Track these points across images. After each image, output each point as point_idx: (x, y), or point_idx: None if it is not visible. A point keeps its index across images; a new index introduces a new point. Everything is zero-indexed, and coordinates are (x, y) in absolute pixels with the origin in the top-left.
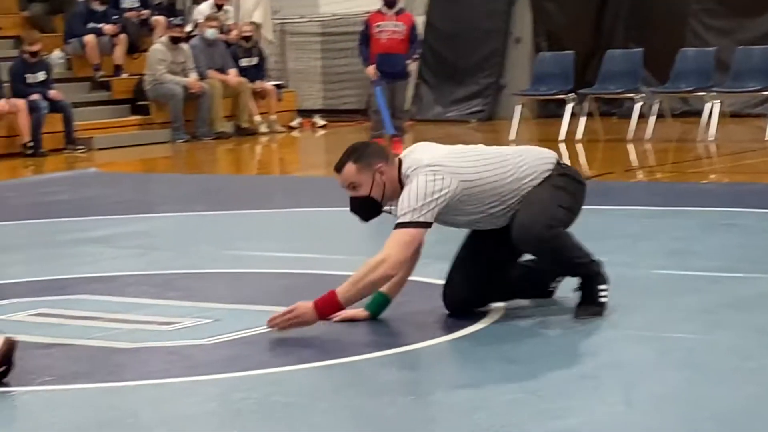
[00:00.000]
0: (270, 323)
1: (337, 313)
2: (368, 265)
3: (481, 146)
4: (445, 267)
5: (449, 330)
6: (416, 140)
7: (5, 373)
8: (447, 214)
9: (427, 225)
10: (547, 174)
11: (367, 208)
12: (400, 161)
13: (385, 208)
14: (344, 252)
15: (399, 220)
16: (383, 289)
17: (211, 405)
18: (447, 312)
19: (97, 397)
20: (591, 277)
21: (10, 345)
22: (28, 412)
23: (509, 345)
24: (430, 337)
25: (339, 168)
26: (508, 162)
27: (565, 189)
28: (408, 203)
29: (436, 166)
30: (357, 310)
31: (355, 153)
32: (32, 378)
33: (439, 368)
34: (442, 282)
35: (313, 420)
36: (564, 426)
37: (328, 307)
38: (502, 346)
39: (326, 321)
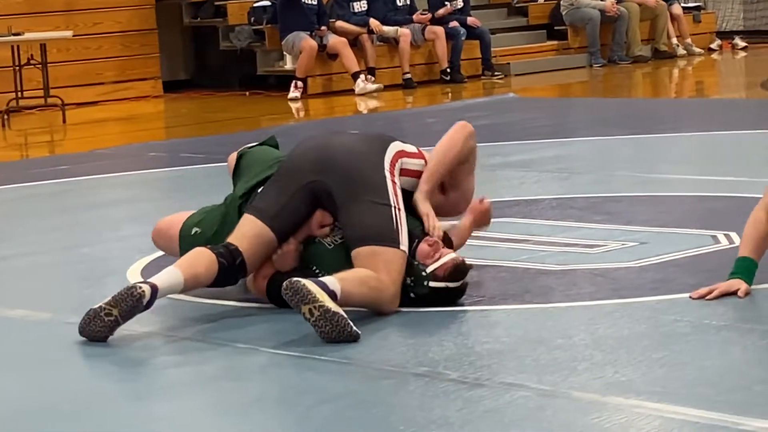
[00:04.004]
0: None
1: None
2: None
3: None
4: None
5: None
6: None
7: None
8: None
9: None
10: None
11: None
12: None
13: None
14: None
15: None
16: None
17: (641, 327)
18: None
19: (527, 317)
20: None
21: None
22: (459, 333)
23: None
24: None
25: None
26: None
27: None
28: None
29: None
30: None
31: None
32: (464, 298)
33: None
34: None
35: (748, 343)
36: None
37: None
38: None
39: None
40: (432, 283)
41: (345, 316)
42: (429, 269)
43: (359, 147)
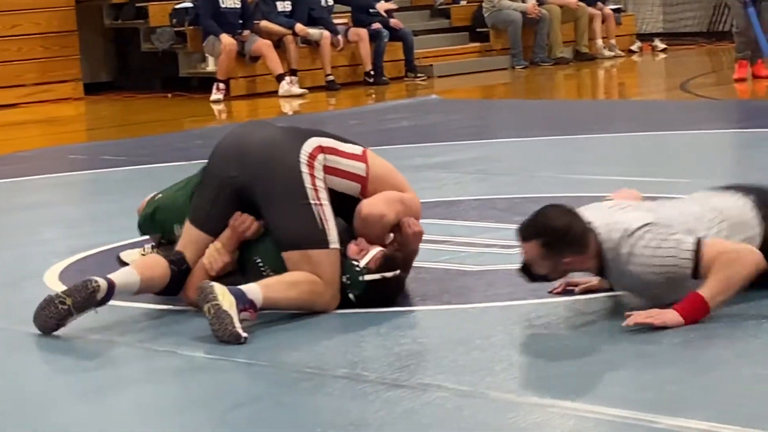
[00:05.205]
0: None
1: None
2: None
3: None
4: None
5: None
6: None
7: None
8: None
9: None
10: None
11: (538, 279)
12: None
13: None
14: (687, 175)
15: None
16: None
17: (558, 327)
18: None
19: (446, 318)
20: None
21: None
22: (378, 334)
23: None
24: None
25: (525, 237)
26: None
27: None
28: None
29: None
30: None
31: (548, 236)
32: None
33: None
34: None
35: (662, 341)
36: None
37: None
38: None
39: None
40: (367, 277)
41: (233, 317)
42: (362, 263)
43: (275, 138)
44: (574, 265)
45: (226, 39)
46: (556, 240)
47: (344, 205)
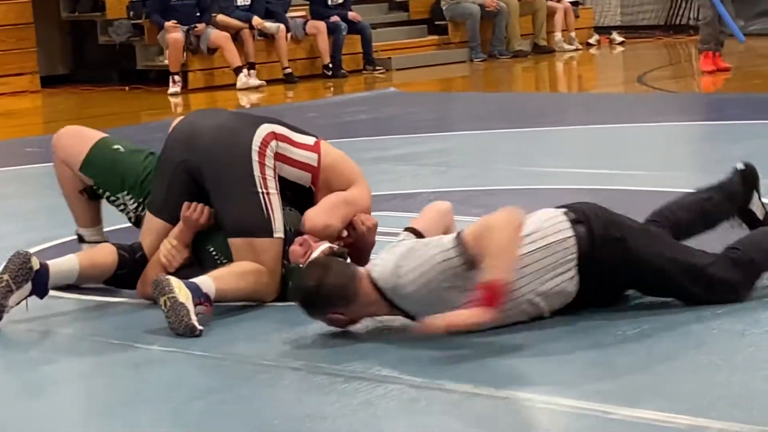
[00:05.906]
0: None
1: None
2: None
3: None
4: None
5: None
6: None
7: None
8: None
9: None
10: None
11: None
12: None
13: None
14: (642, 168)
15: None
16: None
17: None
18: None
19: None
20: None
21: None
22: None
23: None
24: None
25: (290, 299)
26: None
27: None
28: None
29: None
30: None
31: (299, 299)
32: None
33: None
34: None
35: (618, 333)
36: None
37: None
38: None
39: None
40: None
41: (190, 309)
42: None
43: (227, 123)
44: (355, 315)
45: (169, 29)
46: (309, 300)
47: (299, 196)
